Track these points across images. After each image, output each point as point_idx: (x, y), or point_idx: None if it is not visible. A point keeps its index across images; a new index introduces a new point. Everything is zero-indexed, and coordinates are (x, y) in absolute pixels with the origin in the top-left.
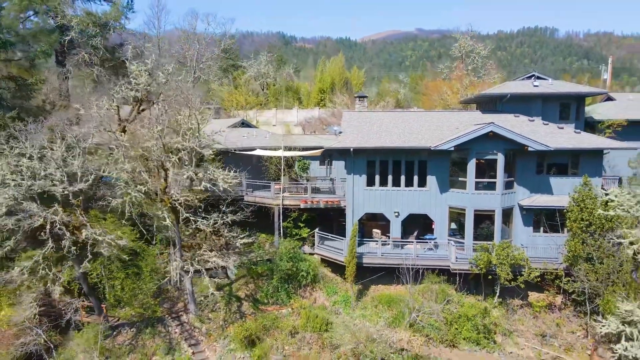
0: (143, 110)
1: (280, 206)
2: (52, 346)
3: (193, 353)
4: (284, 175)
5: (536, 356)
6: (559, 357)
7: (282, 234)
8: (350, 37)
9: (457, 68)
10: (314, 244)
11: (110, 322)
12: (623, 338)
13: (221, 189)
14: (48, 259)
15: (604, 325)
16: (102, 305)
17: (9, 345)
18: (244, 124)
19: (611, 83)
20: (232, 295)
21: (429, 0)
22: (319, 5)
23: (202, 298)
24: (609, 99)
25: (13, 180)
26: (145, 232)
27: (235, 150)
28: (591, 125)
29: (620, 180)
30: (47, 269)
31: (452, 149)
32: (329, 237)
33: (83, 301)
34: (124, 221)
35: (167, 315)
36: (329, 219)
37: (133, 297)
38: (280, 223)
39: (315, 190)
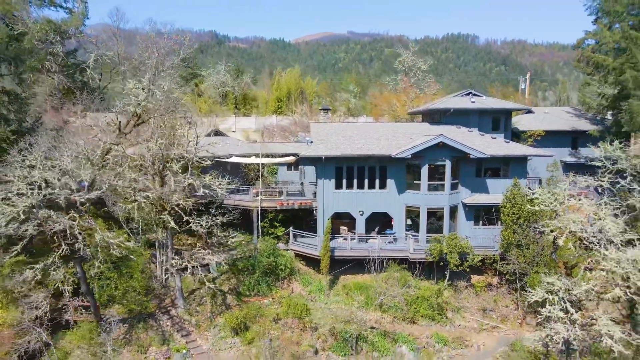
0: (141, 123)
1: (259, 208)
2: (44, 346)
3: (186, 342)
4: (261, 180)
5: (479, 327)
6: (497, 326)
7: (259, 233)
8: (284, 38)
9: (401, 81)
10: (287, 242)
11: (104, 319)
12: (547, 303)
13: (219, 194)
14: (55, 262)
15: (533, 295)
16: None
17: (9, 345)
18: (217, 133)
19: (529, 94)
20: (217, 290)
21: (360, 5)
22: (251, 5)
23: (187, 294)
24: (529, 111)
25: (30, 189)
26: (130, 234)
27: (220, 158)
28: (517, 135)
29: (540, 181)
30: (57, 270)
31: (409, 156)
32: (304, 234)
33: (82, 301)
34: (111, 222)
35: (157, 311)
36: (299, 219)
37: (126, 295)
38: (258, 223)
39: (286, 193)
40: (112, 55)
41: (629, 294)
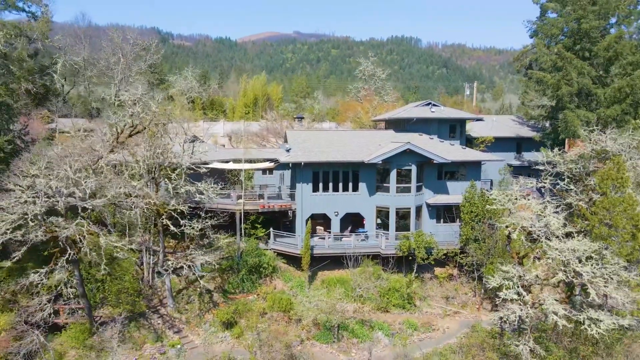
0: (136, 132)
1: (242, 211)
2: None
3: (179, 338)
4: (243, 185)
5: (443, 313)
6: (458, 312)
7: (242, 234)
8: (230, 37)
9: (362, 89)
10: (267, 242)
11: (96, 320)
12: (504, 288)
13: (213, 200)
14: (64, 265)
15: (492, 281)
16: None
17: (6, 348)
18: (195, 139)
19: (476, 102)
20: (204, 288)
21: (306, 5)
22: (195, 2)
23: (175, 293)
24: (480, 119)
25: (36, 197)
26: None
27: (206, 164)
28: (470, 141)
29: (491, 183)
30: (61, 274)
31: (380, 162)
32: (284, 234)
33: (78, 303)
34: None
35: (147, 310)
36: (277, 220)
37: (119, 296)
38: (241, 225)
39: (262, 196)
40: (79, 61)
41: (569, 277)
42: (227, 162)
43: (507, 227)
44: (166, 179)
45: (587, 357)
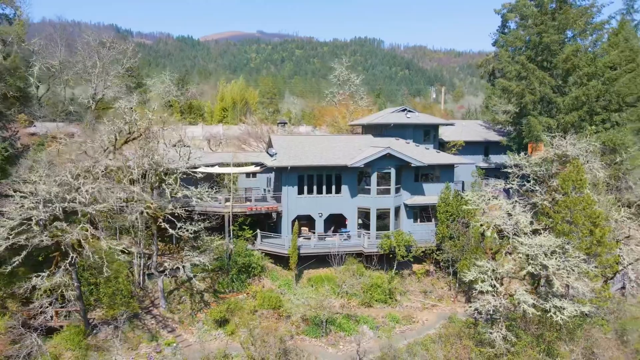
0: (133, 139)
1: (230, 213)
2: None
3: (174, 337)
4: (232, 188)
5: (422, 306)
6: (436, 305)
7: (230, 236)
8: (192, 35)
9: (338, 94)
10: (253, 242)
11: (90, 322)
12: (479, 281)
13: (205, 203)
14: (68, 269)
15: (469, 275)
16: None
17: (4, 351)
18: (182, 143)
19: (444, 106)
20: (194, 289)
21: (269, 4)
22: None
23: (166, 294)
24: (451, 124)
25: (37, 203)
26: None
27: (195, 168)
28: (442, 145)
29: (463, 184)
30: (63, 276)
31: (362, 165)
32: (271, 235)
33: (74, 305)
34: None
35: (140, 311)
36: (261, 222)
37: (114, 298)
38: (230, 227)
39: (248, 199)
40: (55, 64)
41: (537, 270)
42: (213, 165)
43: (481, 225)
44: (163, 184)
45: (552, 342)
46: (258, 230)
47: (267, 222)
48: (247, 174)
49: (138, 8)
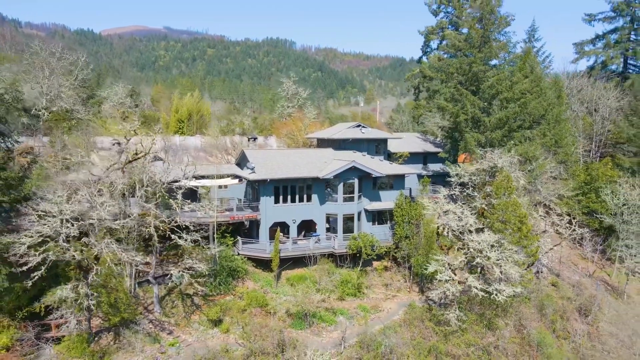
0: (137, 159)
1: (215, 222)
2: None
3: (175, 338)
4: (216, 199)
5: (384, 297)
6: (395, 295)
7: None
8: (92, 29)
9: (288, 107)
10: (233, 248)
11: (92, 330)
12: (438, 272)
13: (209, 215)
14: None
15: (430, 268)
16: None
17: None
18: (156, 158)
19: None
20: (184, 294)
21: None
22: None
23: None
24: (398, 138)
25: (67, 221)
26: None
27: (177, 180)
28: (390, 156)
29: (410, 191)
30: (83, 288)
31: (332, 177)
32: (252, 241)
33: (84, 315)
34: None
35: (137, 317)
36: (237, 229)
37: (117, 305)
38: (214, 235)
39: (229, 209)
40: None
41: (483, 260)
42: (199, 178)
43: (438, 227)
44: (171, 199)
45: (492, 318)
46: (239, 237)
47: (241, 230)
48: (219, 185)
49: None
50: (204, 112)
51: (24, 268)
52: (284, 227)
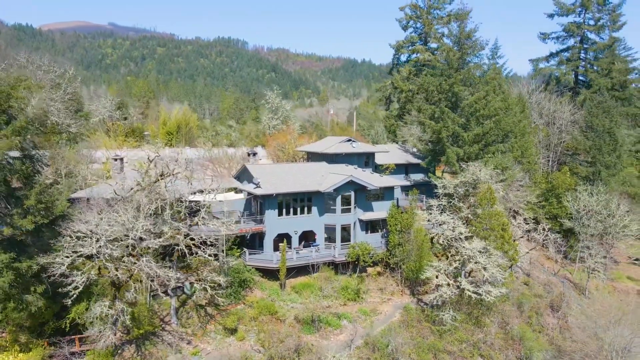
0: (163, 178)
1: (224, 235)
2: None
3: (195, 348)
4: (225, 213)
5: (381, 300)
6: (390, 299)
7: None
8: (31, 23)
9: (273, 119)
10: (238, 259)
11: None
12: (435, 277)
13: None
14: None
15: (427, 273)
16: None
17: None
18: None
19: (356, 129)
20: (197, 305)
21: None
22: None
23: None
24: (385, 152)
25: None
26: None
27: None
28: (376, 167)
29: (397, 201)
30: (121, 304)
31: (332, 190)
32: (259, 252)
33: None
34: None
35: (156, 329)
36: (241, 241)
37: (140, 319)
38: (224, 247)
39: (236, 222)
40: None
41: (475, 265)
42: (210, 193)
43: (432, 236)
44: (195, 217)
45: (479, 317)
46: (245, 249)
47: (244, 241)
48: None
49: None
50: (192, 125)
51: (69, 288)
52: (285, 237)
